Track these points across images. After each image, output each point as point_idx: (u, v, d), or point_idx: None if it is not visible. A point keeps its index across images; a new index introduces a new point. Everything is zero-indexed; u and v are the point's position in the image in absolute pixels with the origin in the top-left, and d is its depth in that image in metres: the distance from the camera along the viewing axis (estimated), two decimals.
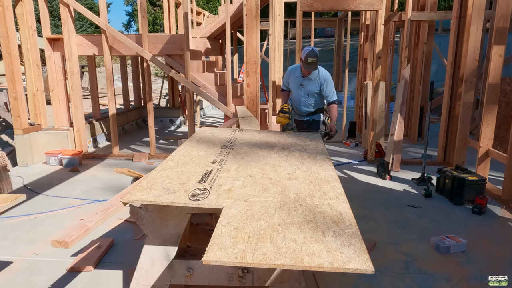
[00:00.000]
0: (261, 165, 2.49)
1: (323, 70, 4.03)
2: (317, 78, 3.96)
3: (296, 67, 4.10)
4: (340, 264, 1.39)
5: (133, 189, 2.07)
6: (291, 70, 4.13)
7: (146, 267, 2.10)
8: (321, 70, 3.99)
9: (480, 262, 2.95)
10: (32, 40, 5.64)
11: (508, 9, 4.07)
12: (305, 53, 3.73)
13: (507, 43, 4.47)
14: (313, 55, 3.70)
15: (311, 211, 1.79)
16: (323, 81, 3.95)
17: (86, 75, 13.84)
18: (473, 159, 4.66)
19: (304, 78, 3.98)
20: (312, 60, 3.71)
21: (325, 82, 3.96)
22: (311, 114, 4.20)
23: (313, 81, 3.97)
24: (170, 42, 5.83)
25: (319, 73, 3.96)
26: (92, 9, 23.40)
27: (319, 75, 3.95)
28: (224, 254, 1.43)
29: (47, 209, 3.96)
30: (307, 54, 3.71)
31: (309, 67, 3.78)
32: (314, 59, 3.71)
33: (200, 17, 9.81)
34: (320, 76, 3.95)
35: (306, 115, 4.21)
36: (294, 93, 4.16)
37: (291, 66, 4.18)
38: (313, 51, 3.73)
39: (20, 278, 2.74)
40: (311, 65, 3.75)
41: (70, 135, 5.97)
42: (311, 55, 3.70)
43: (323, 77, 3.96)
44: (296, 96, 4.14)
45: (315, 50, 3.74)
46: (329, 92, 3.99)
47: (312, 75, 3.95)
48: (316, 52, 3.73)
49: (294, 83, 4.10)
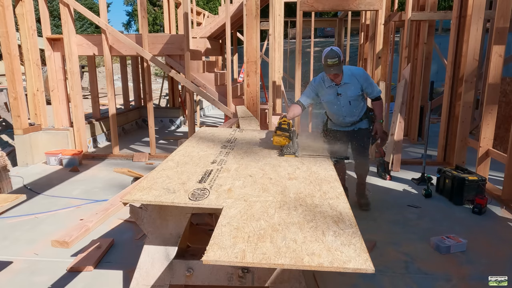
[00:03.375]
0: (261, 165, 2.49)
1: (355, 68, 3.58)
2: (354, 79, 3.46)
3: (321, 78, 3.56)
4: (340, 263, 1.39)
5: (133, 189, 2.07)
6: (318, 82, 3.56)
7: (146, 267, 2.10)
8: (351, 68, 3.54)
9: (480, 262, 2.95)
10: (32, 40, 5.64)
11: (508, 9, 4.07)
12: (324, 55, 3.29)
13: (507, 43, 4.47)
14: (333, 55, 3.23)
15: (311, 211, 1.79)
16: (361, 79, 3.47)
17: (86, 75, 13.83)
18: (473, 159, 4.66)
19: (340, 85, 3.47)
20: (333, 62, 3.25)
21: (364, 79, 3.48)
22: (356, 122, 3.68)
23: (350, 84, 3.46)
24: (170, 42, 5.83)
25: (353, 72, 3.49)
26: (92, 9, 23.39)
27: (355, 74, 3.48)
28: (224, 254, 1.43)
29: (47, 209, 3.96)
30: (326, 55, 3.27)
31: (332, 69, 3.29)
32: (335, 60, 3.23)
33: (200, 17, 9.81)
34: (356, 75, 3.48)
35: (350, 125, 3.69)
36: (331, 106, 3.60)
37: (315, 78, 3.63)
38: (332, 50, 3.27)
39: (20, 278, 2.74)
40: (333, 67, 3.27)
41: (70, 135, 5.97)
42: (330, 56, 3.24)
43: (359, 74, 3.49)
44: (335, 109, 3.59)
45: (334, 49, 3.28)
46: (372, 88, 3.53)
47: (347, 78, 3.45)
48: (336, 51, 3.26)
49: (328, 95, 3.53)
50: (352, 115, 3.60)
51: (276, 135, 2.82)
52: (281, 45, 6.18)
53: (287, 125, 2.85)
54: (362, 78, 3.48)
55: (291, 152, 2.77)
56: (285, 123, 2.86)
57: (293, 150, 2.78)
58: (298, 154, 2.75)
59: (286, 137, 2.79)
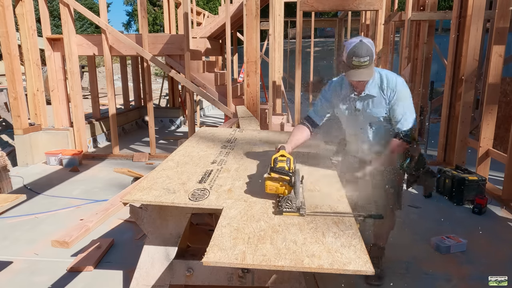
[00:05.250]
0: (261, 165, 2.49)
1: (391, 74, 2.28)
2: (381, 90, 2.25)
3: (340, 82, 2.40)
4: (340, 265, 1.40)
5: (133, 189, 2.07)
6: (335, 85, 2.41)
7: (146, 267, 2.10)
8: (386, 73, 2.27)
9: (480, 262, 2.95)
10: (32, 40, 5.64)
11: (508, 9, 4.07)
12: (349, 48, 2.09)
13: (507, 43, 4.47)
14: (363, 52, 2.05)
15: (311, 212, 1.79)
16: (390, 94, 2.24)
17: (86, 75, 13.81)
18: (473, 159, 4.66)
19: (361, 96, 2.28)
20: (361, 62, 2.06)
21: (394, 94, 2.23)
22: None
23: (376, 98, 2.27)
24: (170, 42, 5.83)
25: (384, 80, 2.24)
26: (92, 9, 23.36)
27: (386, 83, 2.24)
28: (224, 255, 1.43)
29: (47, 209, 3.96)
30: (351, 51, 2.07)
31: (359, 73, 2.10)
32: (366, 60, 2.06)
33: (200, 17, 9.80)
34: (386, 85, 2.24)
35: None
36: (347, 124, 2.47)
37: (330, 82, 2.45)
38: (362, 43, 2.07)
39: (20, 278, 2.74)
40: (360, 70, 2.09)
41: (70, 135, 5.97)
42: (358, 53, 2.05)
43: (392, 85, 2.23)
44: (350, 130, 2.48)
45: (365, 43, 2.07)
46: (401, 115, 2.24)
47: (373, 88, 2.25)
48: (367, 45, 2.07)
49: (343, 107, 2.38)
50: (374, 143, 2.39)
51: (270, 179, 1.83)
52: (281, 45, 6.19)
53: (287, 163, 1.88)
54: (392, 91, 2.23)
55: (293, 208, 1.77)
56: (284, 160, 1.89)
57: (296, 203, 1.77)
58: (305, 212, 1.76)
59: (286, 183, 1.82)
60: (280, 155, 1.93)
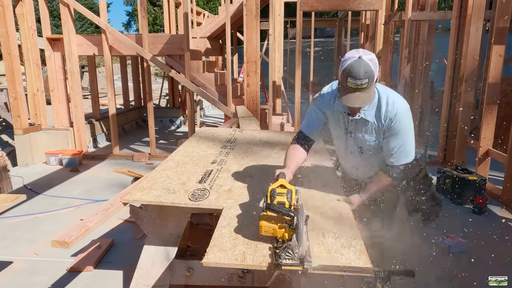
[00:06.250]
0: (261, 165, 2.49)
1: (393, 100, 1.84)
2: (378, 116, 1.87)
3: (333, 94, 1.98)
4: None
5: (133, 189, 2.07)
6: (328, 97, 2.00)
7: (146, 267, 2.10)
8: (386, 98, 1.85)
9: (480, 262, 2.95)
10: (32, 40, 5.64)
11: (508, 9, 4.07)
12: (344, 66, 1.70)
13: (507, 43, 4.47)
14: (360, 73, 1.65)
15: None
16: (388, 123, 1.85)
17: (86, 75, 13.81)
18: (473, 159, 4.66)
19: (353, 118, 1.92)
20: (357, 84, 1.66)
21: (392, 124, 1.84)
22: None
23: (369, 123, 1.90)
24: (170, 42, 5.83)
25: (383, 106, 1.84)
26: (92, 9, 23.36)
27: (384, 110, 1.84)
28: (224, 256, 1.43)
29: (47, 209, 3.96)
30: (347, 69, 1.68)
31: (353, 99, 1.71)
32: (364, 83, 1.66)
33: (200, 17, 9.81)
34: (385, 112, 1.84)
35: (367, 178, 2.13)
36: (337, 142, 2.15)
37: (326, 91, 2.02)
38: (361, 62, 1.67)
39: (20, 278, 2.74)
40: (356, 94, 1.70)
41: (70, 135, 5.97)
42: (354, 74, 1.66)
43: (391, 114, 1.83)
44: (341, 151, 2.17)
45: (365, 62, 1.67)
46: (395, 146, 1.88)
47: (368, 110, 1.87)
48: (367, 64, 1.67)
49: (335, 126, 2.06)
50: (366, 169, 2.11)
51: (266, 219, 1.44)
52: (281, 45, 6.19)
53: (287, 197, 1.47)
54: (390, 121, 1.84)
55: (295, 260, 1.37)
56: (283, 192, 1.49)
57: (298, 253, 1.38)
58: (310, 265, 1.36)
59: (286, 224, 1.42)
60: (278, 186, 1.52)
